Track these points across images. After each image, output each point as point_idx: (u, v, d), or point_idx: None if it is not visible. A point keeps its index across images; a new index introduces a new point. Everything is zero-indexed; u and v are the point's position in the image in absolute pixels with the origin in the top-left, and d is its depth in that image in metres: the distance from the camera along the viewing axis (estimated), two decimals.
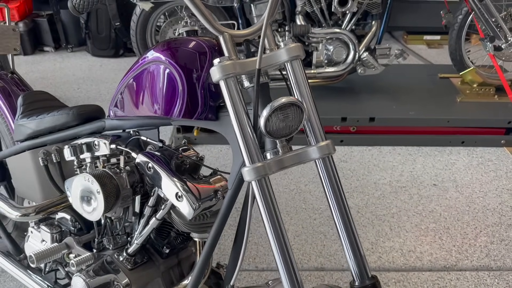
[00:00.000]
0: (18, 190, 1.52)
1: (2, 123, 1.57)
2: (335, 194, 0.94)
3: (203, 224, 1.12)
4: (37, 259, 1.18)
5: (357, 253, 0.93)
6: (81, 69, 3.53)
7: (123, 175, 1.14)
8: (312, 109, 0.94)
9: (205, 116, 1.00)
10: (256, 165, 0.88)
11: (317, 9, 2.49)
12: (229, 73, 0.88)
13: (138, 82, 1.10)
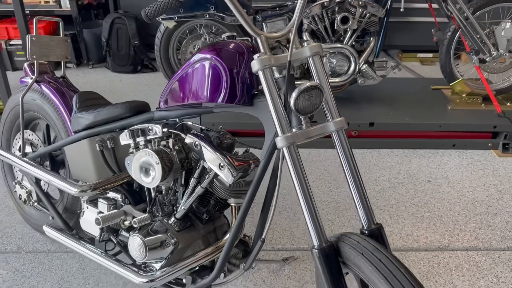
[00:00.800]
0: (73, 173, 1.77)
1: (58, 118, 1.84)
2: (347, 160, 1.20)
3: (239, 191, 1.38)
4: (103, 220, 1.44)
5: (365, 205, 1.18)
6: (103, 83, 3.83)
7: (174, 152, 1.41)
8: (330, 93, 1.21)
9: (243, 101, 1.27)
10: (286, 135, 1.14)
11: (322, 27, 2.80)
12: (266, 64, 1.15)
13: (186, 78, 1.38)
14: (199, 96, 1.33)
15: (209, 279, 1.42)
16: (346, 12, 2.75)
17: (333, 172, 2.64)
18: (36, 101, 1.88)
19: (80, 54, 4.20)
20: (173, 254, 1.45)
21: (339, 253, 1.14)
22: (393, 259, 1.04)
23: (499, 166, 2.73)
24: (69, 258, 2.00)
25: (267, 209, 1.37)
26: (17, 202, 2.14)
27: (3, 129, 2.11)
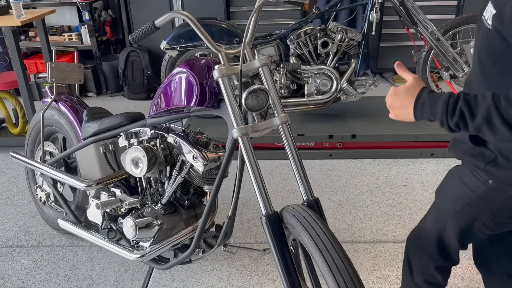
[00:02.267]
0: (83, 174, 2.13)
1: (71, 130, 2.21)
2: (290, 147, 1.49)
3: (211, 178, 1.69)
4: (102, 205, 1.77)
5: (304, 181, 1.46)
6: (119, 109, 4.25)
7: (159, 149, 1.74)
8: (275, 94, 1.52)
9: (211, 105, 1.60)
10: (240, 127, 1.45)
11: (306, 51, 3.15)
12: (224, 73, 1.48)
13: (168, 88, 1.72)
14: (179, 102, 1.66)
15: (187, 253, 1.71)
16: (326, 37, 3.09)
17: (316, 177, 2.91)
18: (54, 116, 2.26)
19: (100, 84, 4.66)
20: (159, 234, 1.76)
21: (282, 220, 1.42)
22: (322, 225, 1.30)
23: None
24: (80, 250, 2.32)
25: (236, 192, 1.67)
26: (38, 205, 2.50)
27: (28, 142, 2.49)
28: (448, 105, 1.08)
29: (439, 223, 1.46)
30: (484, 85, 1.20)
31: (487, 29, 1.11)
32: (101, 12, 4.63)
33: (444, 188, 1.48)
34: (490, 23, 1.10)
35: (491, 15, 1.09)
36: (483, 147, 1.24)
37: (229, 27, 3.22)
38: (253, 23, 1.51)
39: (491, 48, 1.13)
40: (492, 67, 1.16)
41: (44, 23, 3.44)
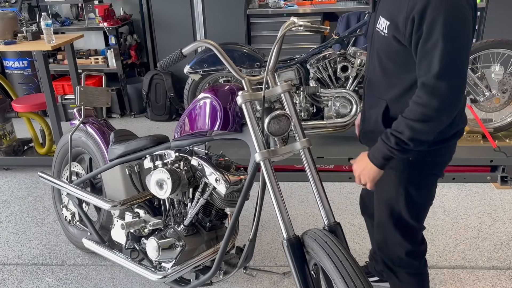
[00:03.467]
0: (108, 195, 2.18)
1: (98, 151, 2.28)
2: (311, 172, 1.50)
3: (233, 201, 1.72)
4: (127, 226, 1.81)
5: (327, 206, 1.48)
6: (142, 130, 4.35)
7: (183, 171, 1.78)
8: (296, 120, 1.56)
9: (234, 129, 1.64)
10: (262, 151, 1.49)
11: (326, 75, 3.20)
12: (247, 99, 1.53)
13: (193, 112, 1.78)
14: (202, 126, 1.71)
15: (208, 275, 1.74)
16: (346, 62, 3.14)
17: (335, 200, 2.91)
18: (82, 138, 2.34)
19: (124, 106, 4.79)
20: (181, 255, 1.79)
21: (304, 244, 1.43)
22: (343, 250, 1.31)
23: (496, 197, 2.91)
24: (103, 270, 2.37)
25: (257, 215, 1.69)
26: (63, 223, 2.56)
27: (55, 163, 2.58)
28: (385, 142, 1.40)
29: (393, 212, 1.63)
30: (385, 79, 1.51)
31: (384, 37, 1.43)
32: (127, 36, 4.79)
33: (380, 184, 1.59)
34: (386, 32, 1.41)
35: (386, 25, 1.41)
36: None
37: (250, 52, 3.30)
38: (276, 51, 1.56)
39: (389, 50, 1.44)
40: (390, 65, 1.47)
41: (73, 47, 3.58)
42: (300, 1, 4.70)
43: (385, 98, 1.53)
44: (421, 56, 1.31)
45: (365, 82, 1.65)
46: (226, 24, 4.45)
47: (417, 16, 1.28)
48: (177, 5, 4.46)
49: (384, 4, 1.47)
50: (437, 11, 1.25)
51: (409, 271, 1.68)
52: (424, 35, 1.28)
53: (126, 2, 4.83)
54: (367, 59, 1.63)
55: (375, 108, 1.58)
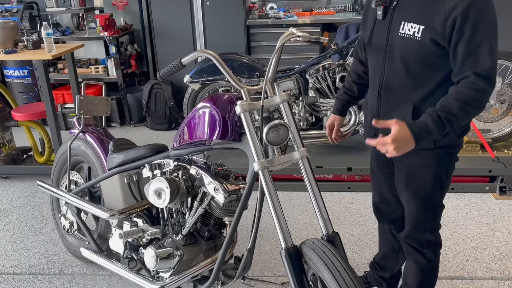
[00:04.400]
0: (106, 204, 2.18)
1: (97, 160, 2.28)
2: (309, 180, 1.52)
3: (231, 210, 1.72)
4: (125, 235, 1.81)
5: (325, 216, 1.48)
6: (142, 139, 4.36)
7: (181, 180, 1.78)
8: (295, 129, 1.56)
9: (233, 138, 1.65)
10: (261, 160, 1.49)
11: (325, 85, 3.21)
12: (246, 109, 1.54)
13: (192, 122, 1.79)
14: (201, 135, 1.72)
15: (206, 285, 1.73)
16: (345, 72, 3.16)
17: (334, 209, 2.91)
18: (81, 147, 2.34)
19: (124, 115, 4.80)
20: (179, 265, 1.78)
21: (302, 254, 1.43)
22: (342, 261, 1.32)
23: (495, 207, 2.91)
24: (101, 279, 2.35)
25: (256, 225, 1.69)
26: (61, 233, 2.56)
27: (54, 171, 2.58)
28: (436, 122, 1.42)
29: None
30: (410, 82, 1.56)
31: (415, 41, 1.49)
32: (127, 46, 4.82)
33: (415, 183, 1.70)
34: (419, 35, 1.47)
35: (419, 29, 1.47)
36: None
37: (250, 62, 3.32)
38: (274, 62, 1.57)
39: (421, 53, 1.50)
40: (419, 66, 1.53)
41: (73, 56, 3.60)
42: (300, 12, 4.75)
43: (412, 100, 1.58)
44: (466, 53, 1.40)
45: (379, 87, 1.66)
46: (226, 34, 4.49)
47: (460, 18, 1.39)
48: (178, 15, 4.49)
49: (406, 9, 1.52)
50: (480, 13, 1.38)
51: (434, 250, 1.80)
52: (469, 35, 1.39)
53: (126, 12, 4.87)
54: (379, 65, 1.64)
55: (397, 111, 1.62)
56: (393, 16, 1.56)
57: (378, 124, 1.49)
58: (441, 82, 1.53)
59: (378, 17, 1.62)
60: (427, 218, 1.74)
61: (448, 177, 1.71)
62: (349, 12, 4.86)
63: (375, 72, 1.69)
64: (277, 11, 4.67)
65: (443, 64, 1.49)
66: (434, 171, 1.65)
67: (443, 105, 1.44)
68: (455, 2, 1.40)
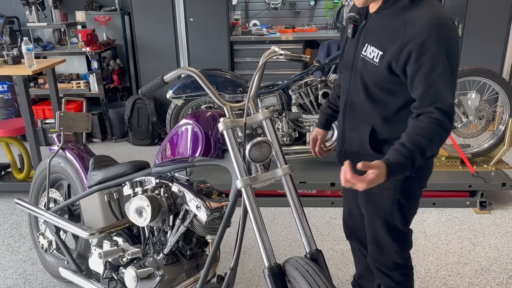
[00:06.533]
0: (86, 222, 2.13)
1: (77, 177, 2.24)
2: (293, 198, 1.51)
3: (214, 228, 1.70)
4: (105, 254, 1.77)
5: (308, 234, 1.47)
6: (123, 155, 4.30)
7: (163, 198, 1.76)
8: (277, 146, 1.56)
9: (216, 155, 1.64)
10: (244, 178, 1.48)
11: (307, 101, 3.24)
12: (229, 126, 1.53)
13: (175, 139, 1.77)
14: (184, 152, 1.70)
15: None
16: (327, 88, 3.19)
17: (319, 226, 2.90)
18: (61, 164, 2.30)
19: (105, 130, 4.74)
20: (160, 284, 1.74)
21: (285, 273, 1.42)
22: (325, 279, 1.31)
23: (476, 222, 2.94)
24: None
25: (239, 243, 1.67)
26: (40, 252, 2.49)
27: (33, 189, 2.52)
28: (406, 157, 1.37)
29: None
30: (370, 104, 1.55)
31: (373, 65, 1.48)
32: (110, 61, 4.79)
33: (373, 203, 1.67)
34: (377, 61, 1.46)
35: (377, 55, 1.46)
36: (382, 154, 1.50)
37: (233, 78, 3.33)
38: (257, 79, 1.58)
39: (378, 78, 1.49)
40: (377, 91, 1.52)
41: (54, 72, 3.56)
42: (283, 28, 4.80)
43: (370, 121, 1.57)
44: (427, 87, 1.37)
45: (345, 105, 1.67)
46: (210, 50, 4.50)
47: (416, 50, 1.36)
48: (161, 31, 4.50)
49: (372, 32, 1.51)
50: (439, 45, 1.34)
51: (403, 272, 1.75)
52: (427, 67, 1.36)
53: (109, 27, 4.85)
54: (346, 82, 1.66)
55: (357, 131, 1.62)
56: (360, 36, 1.56)
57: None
58: (400, 108, 1.51)
59: (348, 34, 1.63)
60: (391, 240, 1.69)
61: (411, 202, 1.65)
62: (330, 30, 4.94)
63: (343, 89, 1.70)
64: (260, 28, 4.71)
65: (400, 91, 1.47)
66: (393, 195, 1.60)
67: (412, 142, 1.38)
68: (414, 33, 1.36)
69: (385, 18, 1.48)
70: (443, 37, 1.36)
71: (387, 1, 1.47)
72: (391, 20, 1.46)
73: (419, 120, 1.40)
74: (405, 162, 1.37)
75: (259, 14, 5.00)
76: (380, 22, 1.50)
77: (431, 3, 1.44)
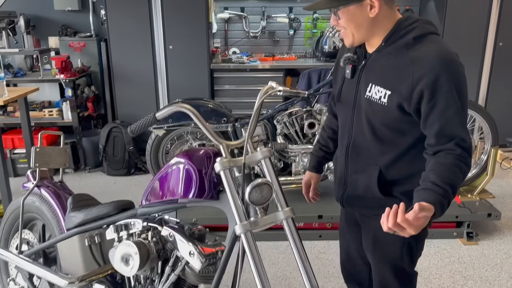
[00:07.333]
0: (64, 268, 1.96)
1: (53, 218, 2.07)
2: (295, 242, 1.42)
3: (208, 277, 1.57)
4: None
5: (314, 283, 1.38)
6: (98, 186, 4.10)
7: (151, 243, 1.62)
8: (278, 187, 1.47)
9: (210, 196, 1.53)
10: (243, 223, 1.38)
11: (293, 131, 3.18)
12: (226, 166, 1.44)
13: (165, 178, 1.65)
14: (175, 193, 1.58)
15: None
16: (312, 118, 3.14)
17: None
18: (35, 203, 2.13)
19: (78, 160, 4.53)
20: None
21: None
22: None
23: (464, 253, 2.91)
24: None
25: (234, 284, 1.55)
26: None
27: (3, 230, 2.32)
28: (443, 196, 1.28)
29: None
30: (377, 146, 1.49)
31: (381, 106, 1.43)
32: (84, 88, 4.62)
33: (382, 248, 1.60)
34: (385, 101, 1.41)
35: (385, 95, 1.41)
36: (390, 196, 1.49)
37: (216, 107, 3.24)
38: (255, 117, 1.50)
39: (387, 118, 1.44)
40: (386, 131, 1.46)
41: (26, 101, 3.38)
42: (262, 57, 4.78)
43: (378, 163, 1.50)
44: (443, 123, 1.34)
45: (347, 146, 1.60)
46: (189, 78, 4.42)
47: (428, 88, 1.33)
48: (139, 58, 4.39)
49: (375, 71, 1.46)
50: (450, 82, 1.32)
51: None
52: (442, 105, 1.33)
53: (84, 54, 4.70)
54: (347, 124, 1.59)
55: (363, 173, 1.55)
56: (361, 76, 1.51)
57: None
58: (409, 147, 1.47)
59: (346, 75, 1.57)
60: (398, 285, 1.64)
61: (419, 243, 1.62)
62: (309, 58, 4.96)
63: (343, 130, 1.63)
64: (241, 56, 4.68)
65: (410, 129, 1.44)
66: (402, 237, 1.53)
67: (443, 180, 1.29)
68: (423, 71, 1.34)
69: (388, 56, 1.44)
70: (454, 74, 1.34)
71: (388, 39, 1.44)
72: (395, 59, 1.42)
73: (441, 157, 1.35)
74: (443, 201, 1.29)
75: (239, 42, 4.98)
76: (383, 61, 1.45)
77: (434, 40, 1.41)
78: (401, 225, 1.21)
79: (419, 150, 1.43)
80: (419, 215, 1.21)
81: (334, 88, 1.70)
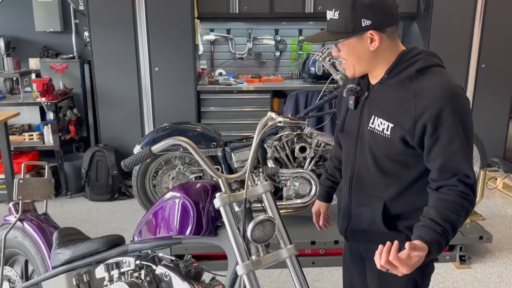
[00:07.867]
0: None
1: (38, 254, 1.96)
2: (299, 279, 1.37)
3: None
4: None
5: None
6: (80, 212, 3.95)
7: (145, 283, 1.54)
8: (280, 223, 1.42)
9: (208, 233, 1.46)
10: (246, 263, 1.31)
11: (284, 155, 3.13)
12: (226, 202, 1.37)
13: (159, 213, 1.57)
14: (170, 229, 1.51)
15: None
16: (303, 142, 3.11)
17: None
18: (18, 238, 2.01)
19: (60, 185, 4.37)
20: None
21: None
22: None
23: (458, 278, 2.88)
24: None
25: None
26: None
27: None
28: (442, 235, 1.25)
29: None
30: (381, 178, 1.46)
31: (385, 138, 1.40)
32: (66, 111, 4.50)
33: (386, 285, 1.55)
34: (388, 133, 1.39)
35: (388, 127, 1.39)
36: (395, 231, 1.46)
37: (205, 131, 3.18)
38: (254, 150, 1.46)
39: (390, 151, 1.41)
40: (390, 164, 1.43)
41: (7, 126, 3.25)
42: (249, 78, 4.75)
43: (382, 197, 1.46)
44: (446, 158, 1.31)
45: (350, 178, 1.56)
46: (175, 100, 4.35)
47: (432, 121, 1.30)
48: (124, 80, 4.30)
49: (378, 104, 1.44)
50: (454, 115, 1.30)
51: None
52: (445, 139, 1.30)
53: (66, 76, 4.59)
54: (351, 155, 1.55)
55: (367, 207, 1.51)
56: (363, 108, 1.48)
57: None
58: (414, 181, 1.43)
59: (349, 106, 1.55)
60: None
61: (425, 279, 1.58)
62: (296, 80, 4.96)
63: (347, 161, 1.59)
64: (227, 77, 4.64)
65: (415, 162, 1.40)
66: (409, 274, 1.53)
67: (443, 218, 1.26)
68: (426, 104, 1.31)
69: (390, 89, 1.41)
70: (457, 107, 1.31)
71: (390, 71, 1.41)
72: (398, 91, 1.39)
73: (443, 193, 1.30)
74: (441, 240, 1.25)
75: (225, 63, 4.95)
76: (386, 93, 1.42)
77: (438, 72, 1.39)
78: (393, 263, 1.16)
79: (424, 184, 1.39)
80: (412, 254, 1.17)
81: (338, 118, 1.67)
